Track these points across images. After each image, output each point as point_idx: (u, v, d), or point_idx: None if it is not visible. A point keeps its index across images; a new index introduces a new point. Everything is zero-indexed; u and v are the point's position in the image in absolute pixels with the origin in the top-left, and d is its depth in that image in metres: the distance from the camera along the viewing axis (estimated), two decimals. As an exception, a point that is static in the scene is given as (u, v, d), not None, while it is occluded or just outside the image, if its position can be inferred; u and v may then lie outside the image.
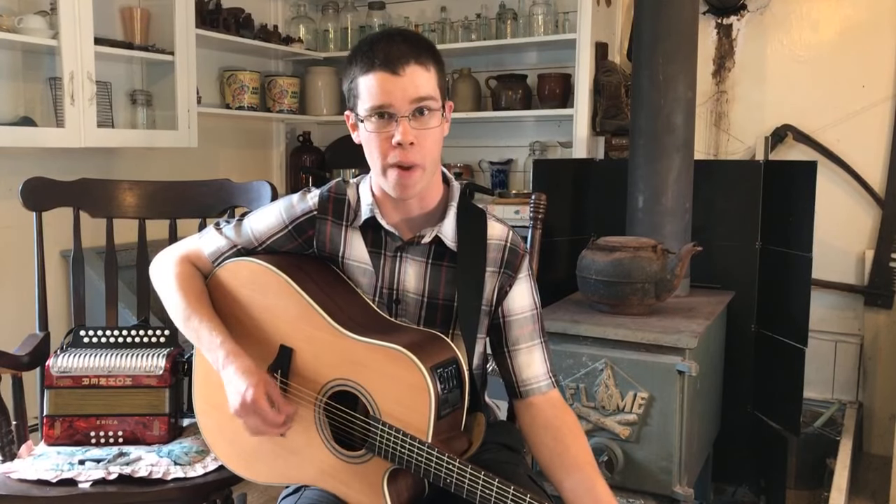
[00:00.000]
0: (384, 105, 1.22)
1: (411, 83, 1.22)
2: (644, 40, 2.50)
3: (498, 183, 3.35)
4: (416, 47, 1.24)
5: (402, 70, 1.22)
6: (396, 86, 1.22)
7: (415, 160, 1.25)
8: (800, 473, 2.75)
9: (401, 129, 1.22)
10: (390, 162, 1.25)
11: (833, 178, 2.88)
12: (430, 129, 1.26)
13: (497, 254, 1.36)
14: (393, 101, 1.22)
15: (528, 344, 1.37)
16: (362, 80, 1.24)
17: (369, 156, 1.29)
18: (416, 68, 1.23)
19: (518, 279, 1.37)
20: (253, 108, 3.35)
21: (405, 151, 1.24)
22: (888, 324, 2.85)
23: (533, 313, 1.38)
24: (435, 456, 1.15)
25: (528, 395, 1.36)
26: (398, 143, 1.23)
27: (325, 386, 1.28)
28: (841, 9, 2.87)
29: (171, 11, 2.74)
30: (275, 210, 1.41)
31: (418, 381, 1.17)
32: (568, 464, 1.28)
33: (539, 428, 1.34)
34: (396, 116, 1.23)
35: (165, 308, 1.40)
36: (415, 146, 1.24)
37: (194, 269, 1.42)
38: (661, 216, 2.46)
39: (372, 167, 1.31)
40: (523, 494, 1.11)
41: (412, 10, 3.54)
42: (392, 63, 1.22)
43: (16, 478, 1.49)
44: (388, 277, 1.35)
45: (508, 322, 1.37)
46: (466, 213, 1.36)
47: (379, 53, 1.23)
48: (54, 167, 2.34)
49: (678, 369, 2.00)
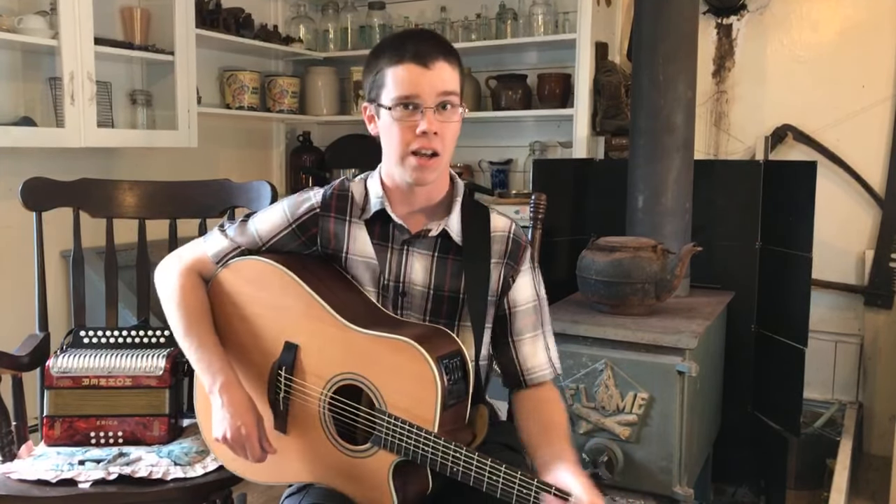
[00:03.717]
0: (412, 95, 1.28)
1: (439, 77, 1.28)
2: (644, 40, 2.49)
3: (498, 183, 3.35)
4: (444, 46, 1.32)
5: (431, 64, 1.28)
6: (425, 78, 1.27)
7: (436, 147, 1.30)
8: (800, 474, 2.75)
9: (426, 120, 1.28)
10: (412, 149, 1.29)
11: (833, 178, 2.88)
12: (452, 122, 1.32)
13: (501, 245, 1.40)
14: (420, 92, 1.27)
15: (531, 334, 1.42)
16: (391, 71, 1.29)
17: (389, 143, 1.33)
18: (444, 64, 1.29)
19: (521, 270, 1.42)
20: (253, 108, 3.35)
21: (429, 140, 1.29)
22: (888, 324, 2.85)
23: (535, 304, 1.43)
24: (442, 445, 1.17)
25: (531, 383, 1.41)
26: (423, 132, 1.28)
27: (329, 381, 1.29)
28: (841, 9, 2.87)
29: (171, 11, 2.73)
30: (278, 210, 1.43)
31: (425, 371, 1.18)
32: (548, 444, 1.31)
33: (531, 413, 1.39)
34: (422, 107, 1.28)
35: (167, 319, 1.42)
36: (438, 136, 1.29)
37: (198, 280, 1.43)
38: (661, 216, 2.46)
39: (389, 155, 1.34)
40: (531, 479, 1.13)
41: (412, 10, 3.54)
42: (422, 56, 1.28)
43: (16, 478, 1.49)
44: (395, 270, 1.38)
45: (514, 313, 1.41)
46: (470, 208, 1.41)
47: (409, 47, 1.29)
48: (54, 167, 2.33)
49: (678, 370, 2.00)
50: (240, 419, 1.29)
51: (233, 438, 1.29)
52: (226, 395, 1.30)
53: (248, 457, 1.31)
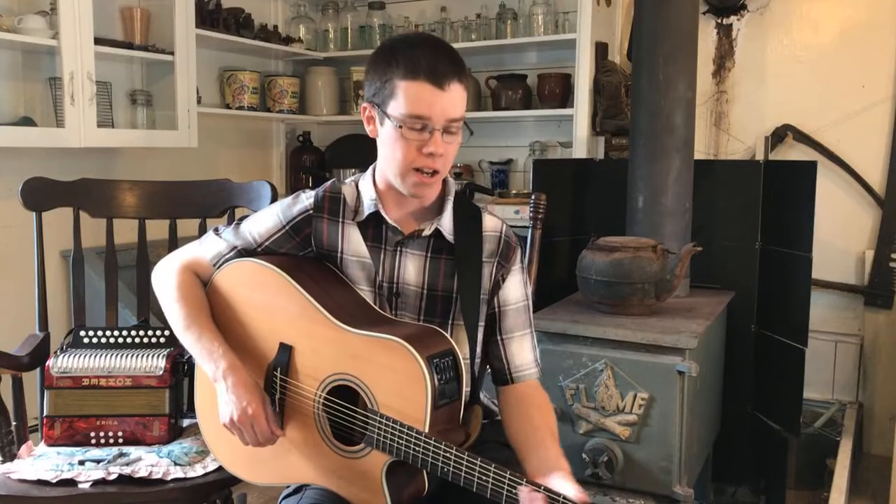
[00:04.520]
0: (423, 116, 1.27)
1: (451, 102, 1.28)
2: (644, 40, 2.49)
3: (498, 183, 3.35)
4: (457, 64, 1.30)
5: (447, 86, 1.27)
6: (439, 101, 1.27)
7: (439, 167, 1.31)
8: (800, 474, 2.75)
9: (434, 141, 1.28)
10: (415, 166, 1.30)
11: (833, 178, 2.88)
12: (455, 143, 1.33)
13: (493, 245, 1.41)
14: (433, 114, 1.27)
15: (520, 332, 1.44)
16: (403, 85, 1.27)
17: (390, 155, 1.32)
18: (458, 87, 1.29)
19: (512, 270, 1.43)
20: (253, 108, 3.35)
21: (433, 160, 1.29)
22: (888, 324, 2.85)
23: (525, 304, 1.45)
24: (432, 445, 1.17)
25: (518, 380, 1.42)
26: (430, 154, 1.28)
27: (323, 382, 1.29)
28: (841, 9, 2.87)
29: (171, 11, 2.74)
30: (272, 212, 1.44)
31: (415, 370, 1.18)
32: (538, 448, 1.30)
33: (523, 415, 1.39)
34: (431, 128, 1.27)
35: (166, 317, 1.42)
36: (442, 156, 1.30)
37: (195, 277, 1.44)
38: (661, 216, 2.46)
39: (389, 165, 1.33)
40: (519, 479, 1.13)
41: (412, 10, 3.54)
42: (438, 77, 1.26)
43: (16, 478, 1.49)
44: (388, 271, 1.39)
45: (504, 311, 1.43)
46: (462, 207, 1.42)
47: (423, 62, 1.26)
48: (54, 167, 2.33)
49: (678, 370, 2.00)
50: (245, 399, 1.28)
51: (240, 420, 1.27)
52: (230, 378, 1.30)
53: (257, 439, 1.29)
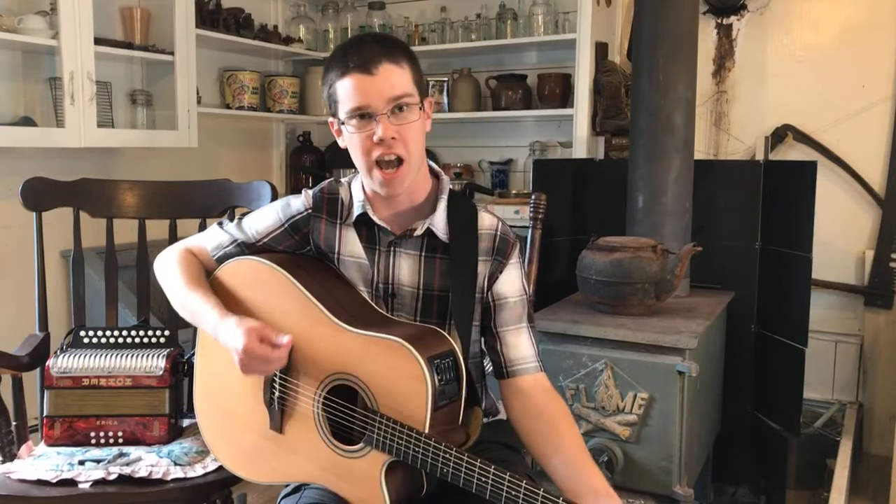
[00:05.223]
0: (362, 106, 1.27)
1: (386, 82, 1.26)
2: (644, 40, 2.49)
3: (498, 183, 3.35)
4: (387, 46, 1.29)
5: (375, 70, 1.25)
6: (372, 86, 1.26)
7: (399, 152, 1.28)
8: (800, 474, 2.75)
9: (381, 127, 1.26)
10: (374, 158, 1.28)
11: (833, 178, 2.88)
12: (410, 123, 1.29)
13: (488, 243, 1.39)
14: (370, 101, 1.26)
15: (516, 326, 1.40)
16: (339, 85, 1.28)
17: (355, 157, 1.33)
18: (390, 66, 1.27)
19: (508, 265, 1.40)
20: (253, 108, 3.35)
21: (388, 146, 1.27)
22: (888, 324, 2.85)
23: (522, 298, 1.41)
24: (432, 446, 1.16)
25: (515, 374, 1.38)
26: (380, 140, 1.27)
27: (323, 381, 1.29)
28: (841, 9, 2.87)
29: (171, 11, 2.73)
30: (272, 210, 1.45)
31: (415, 371, 1.18)
32: (564, 452, 1.28)
33: (532, 414, 1.34)
34: (376, 115, 1.27)
35: (165, 293, 1.43)
36: (397, 140, 1.28)
37: (194, 257, 1.46)
38: (661, 216, 2.46)
39: (359, 168, 1.34)
40: (519, 481, 1.12)
41: (412, 10, 3.54)
42: (365, 64, 1.25)
43: (16, 478, 1.49)
44: (384, 272, 1.38)
45: (499, 305, 1.40)
46: (457, 205, 1.40)
47: (352, 56, 1.27)
48: (54, 167, 2.33)
49: (678, 370, 2.00)
50: (248, 323, 1.25)
51: (247, 341, 1.22)
52: (231, 318, 1.28)
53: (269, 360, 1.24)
